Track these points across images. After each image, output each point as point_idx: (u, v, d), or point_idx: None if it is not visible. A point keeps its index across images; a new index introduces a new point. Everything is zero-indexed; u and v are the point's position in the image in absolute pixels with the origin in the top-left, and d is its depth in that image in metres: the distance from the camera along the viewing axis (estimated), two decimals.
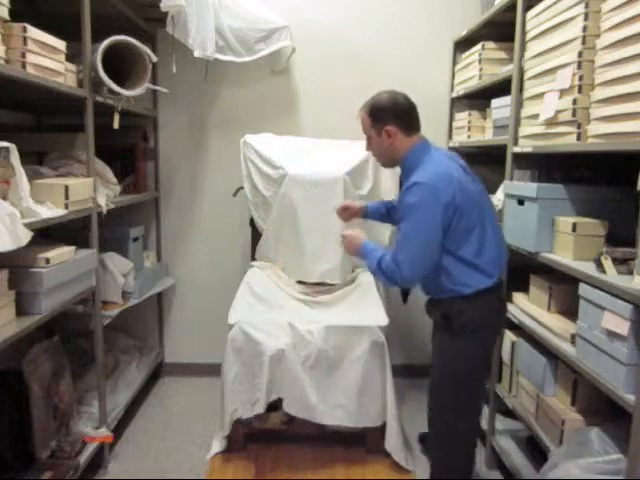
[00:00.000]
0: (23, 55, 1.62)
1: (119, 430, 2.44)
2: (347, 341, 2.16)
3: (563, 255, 1.73)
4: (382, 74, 2.93)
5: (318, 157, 2.60)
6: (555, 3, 1.74)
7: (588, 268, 1.55)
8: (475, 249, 1.65)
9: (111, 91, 2.07)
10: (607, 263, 1.49)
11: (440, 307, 1.74)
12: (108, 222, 2.25)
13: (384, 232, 2.62)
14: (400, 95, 1.77)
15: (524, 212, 1.90)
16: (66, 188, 1.82)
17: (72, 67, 1.93)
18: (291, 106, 2.98)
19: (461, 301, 1.67)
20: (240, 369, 2.16)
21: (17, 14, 1.60)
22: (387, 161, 1.83)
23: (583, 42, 1.60)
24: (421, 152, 1.71)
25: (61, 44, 1.83)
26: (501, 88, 2.23)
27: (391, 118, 1.71)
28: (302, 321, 2.21)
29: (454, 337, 1.71)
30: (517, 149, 2.02)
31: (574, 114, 1.61)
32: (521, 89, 2.02)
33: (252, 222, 2.65)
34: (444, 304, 1.72)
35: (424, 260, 1.64)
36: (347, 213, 2.07)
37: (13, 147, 1.57)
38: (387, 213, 2.06)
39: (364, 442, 2.27)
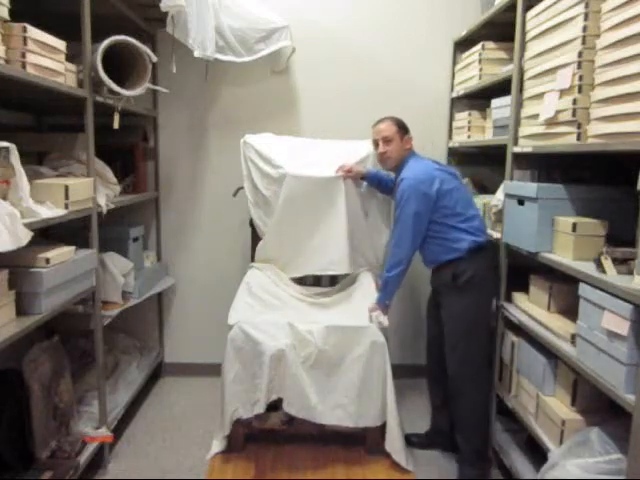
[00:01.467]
0: (23, 55, 1.62)
1: (119, 430, 2.44)
2: (347, 341, 2.16)
3: (563, 255, 1.73)
4: (382, 74, 2.94)
5: (318, 156, 2.59)
6: (555, 3, 1.74)
7: (588, 268, 1.55)
8: (461, 219, 2.12)
9: (111, 91, 2.07)
10: (607, 263, 1.49)
11: (447, 270, 2.12)
12: (108, 222, 2.25)
13: (384, 232, 2.62)
14: None
15: (524, 212, 1.90)
16: (66, 188, 1.82)
17: (72, 67, 1.93)
18: (291, 106, 2.98)
19: (463, 261, 2.08)
20: (240, 369, 2.16)
21: (17, 14, 1.60)
22: (396, 162, 2.29)
23: (583, 42, 1.60)
24: (416, 159, 2.29)
25: (61, 44, 1.84)
26: (501, 88, 2.23)
27: (408, 131, 2.33)
28: (302, 321, 2.21)
29: (463, 293, 2.09)
30: (517, 149, 2.02)
31: (574, 114, 1.61)
32: (521, 89, 2.02)
33: (252, 222, 2.65)
34: (450, 266, 2.11)
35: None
36: (352, 174, 2.47)
37: (13, 147, 1.57)
38: (381, 183, 2.52)
39: (364, 442, 2.27)
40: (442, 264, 2.15)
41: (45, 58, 1.73)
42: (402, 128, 2.30)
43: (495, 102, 2.34)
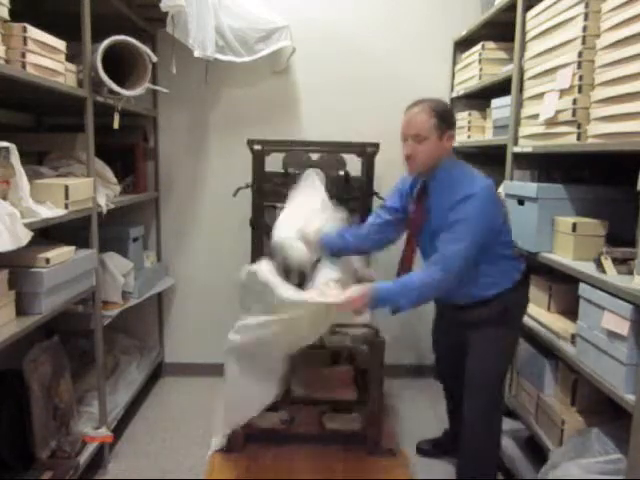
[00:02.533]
0: (23, 55, 1.62)
1: (119, 430, 2.44)
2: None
3: (563, 255, 1.73)
4: (382, 74, 2.93)
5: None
6: (555, 3, 1.75)
7: (588, 268, 1.55)
8: (510, 244, 1.81)
9: (111, 91, 2.07)
10: (607, 263, 1.49)
11: (491, 305, 1.76)
12: (108, 222, 2.25)
13: None
14: None
15: (524, 212, 1.90)
16: (66, 188, 1.82)
17: (72, 67, 1.93)
18: (291, 106, 2.97)
19: (512, 293, 1.78)
20: (242, 368, 2.16)
21: (17, 14, 1.60)
22: (428, 165, 1.76)
23: (583, 42, 1.60)
24: (456, 161, 1.82)
25: (61, 44, 1.83)
26: (501, 88, 2.23)
27: (453, 125, 1.79)
28: None
29: (506, 328, 1.79)
30: (517, 149, 2.02)
31: (574, 114, 1.61)
32: (521, 89, 2.02)
33: (252, 222, 2.65)
34: (501, 298, 1.76)
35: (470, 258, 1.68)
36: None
37: (13, 147, 1.57)
38: (351, 241, 2.00)
39: (364, 442, 2.27)
40: (485, 299, 1.77)
41: (45, 58, 1.73)
42: (444, 121, 1.72)
43: (495, 102, 2.34)
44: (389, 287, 1.68)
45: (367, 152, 2.53)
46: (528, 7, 1.96)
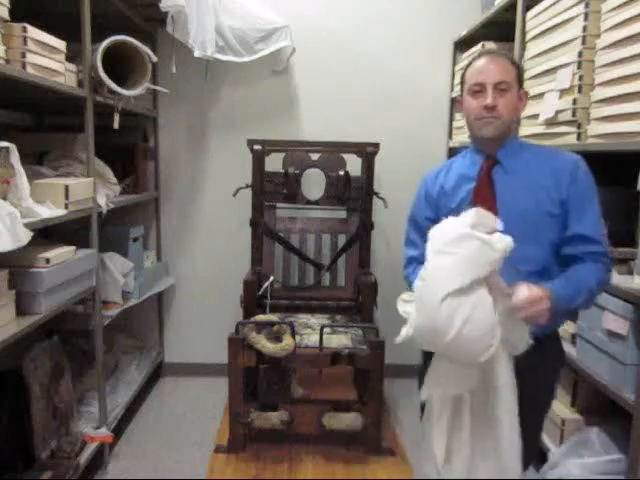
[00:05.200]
0: (23, 55, 1.62)
1: (119, 430, 2.44)
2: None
3: None
4: (382, 74, 2.93)
5: None
6: (555, 3, 1.75)
7: None
8: None
9: (111, 91, 2.07)
10: None
11: (556, 338, 1.42)
12: (108, 222, 2.25)
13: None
14: None
15: None
16: (66, 188, 1.82)
17: (72, 67, 1.93)
18: (291, 106, 2.97)
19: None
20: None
21: (17, 14, 1.60)
22: (508, 124, 1.39)
23: (583, 42, 1.60)
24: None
25: (61, 44, 1.83)
26: None
27: (522, 83, 1.44)
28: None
29: (563, 362, 1.47)
30: None
31: (574, 114, 1.61)
32: None
33: (252, 222, 2.65)
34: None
35: None
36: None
37: (13, 147, 1.57)
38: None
39: (364, 442, 2.27)
40: (549, 332, 1.38)
41: (45, 58, 1.73)
42: (520, 76, 1.40)
43: None
44: (563, 285, 1.26)
45: (367, 152, 2.53)
46: (528, 7, 1.96)
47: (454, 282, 1.16)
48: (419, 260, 1.42)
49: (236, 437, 2.26)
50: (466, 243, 1.16)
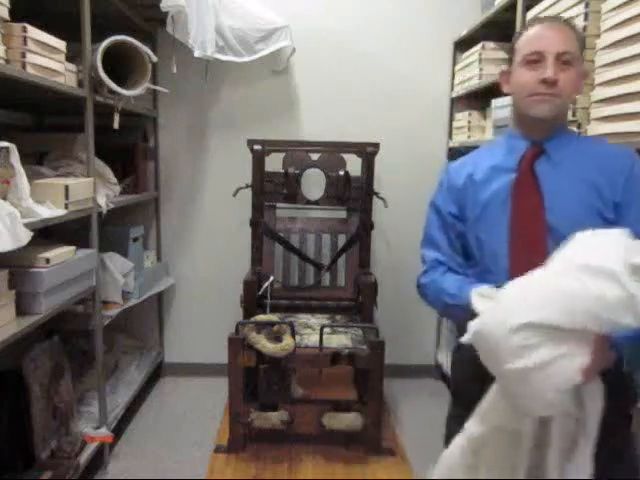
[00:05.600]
0: (23, 55, 1.62)
1: (119, 430, 2.44)
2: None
3: None
4: (382, 74, 2.93)
5: None
6: (555, 3, 1.74)
7: None
8: None
9: (111, 91, 2.07)
10: None
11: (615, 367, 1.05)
12: (108, 222, 2.25)
13: None
14: None
15: None
16: (66, 188, 1.82)
17: (72, 67, 1.93)
18: (291, 106, 2.98)
19: None
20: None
21: (17, 14, 1.60)
22: (566, 104, 1.22)
23: None
24: None
25: (61, 44, 1.83)
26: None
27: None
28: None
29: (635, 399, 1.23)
30: None
31: (574, 114, 1.61)
32: None
33: (252, 222, 2.65)
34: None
35: None
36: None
37: (13, 147, 1.57)
38: None
39: (364, 442, 2.27)
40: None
41: (45, 58, 1.73)
42: (582, 51, 1.21)
43: (495, 102, 2.33)
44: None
45: (367, 152, 2.53)
46: (528, 7, 1.96)
47: (552, 316, 0.88)
48: (447, 265, 1.22)
49: (236, 437, 2.26)
50: (603, 281, 0.86)
